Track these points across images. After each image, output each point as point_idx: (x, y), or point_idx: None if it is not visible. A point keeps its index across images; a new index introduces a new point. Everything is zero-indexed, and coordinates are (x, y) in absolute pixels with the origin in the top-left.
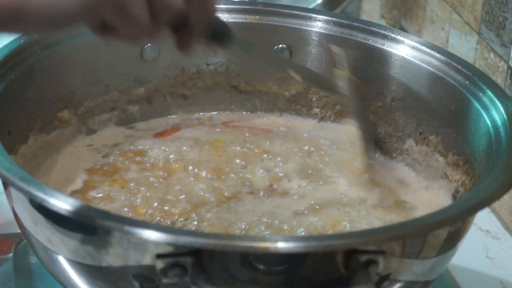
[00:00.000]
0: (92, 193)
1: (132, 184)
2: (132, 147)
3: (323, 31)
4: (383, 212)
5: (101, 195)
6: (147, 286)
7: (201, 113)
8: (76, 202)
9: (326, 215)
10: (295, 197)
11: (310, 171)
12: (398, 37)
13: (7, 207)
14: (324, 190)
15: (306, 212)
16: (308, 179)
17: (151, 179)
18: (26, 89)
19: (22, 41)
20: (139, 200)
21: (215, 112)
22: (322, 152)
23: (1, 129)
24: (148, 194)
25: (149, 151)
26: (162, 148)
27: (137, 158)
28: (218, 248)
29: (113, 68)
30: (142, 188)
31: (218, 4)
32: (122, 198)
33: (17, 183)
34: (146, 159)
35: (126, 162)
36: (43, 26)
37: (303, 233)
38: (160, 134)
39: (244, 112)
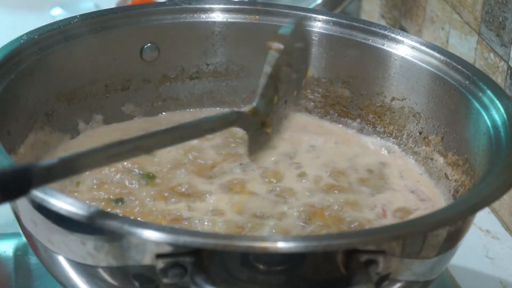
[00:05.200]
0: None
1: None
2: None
3: (323, 31)
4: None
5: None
6: (147, 286)
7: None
8: (76, 202)
9: None
10: None
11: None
12: (398, 37)
13: (7, 207)
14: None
15: None
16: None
17: None
18: (26, 89)
19: (22, 41)
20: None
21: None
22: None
23: (1, 129)
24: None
25: None
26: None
27: None
28: (218, 248)
29: (113, 68)
30: None
31: (218, 4)
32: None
33: None
34: None
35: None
36: None
37: None
38: None
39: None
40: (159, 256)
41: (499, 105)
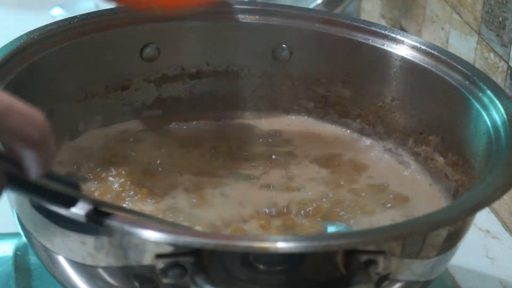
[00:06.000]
0: None
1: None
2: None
3: (323, 31)
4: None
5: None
6: (147, 286)
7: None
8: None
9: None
10: None
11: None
12: (398, 37)
13: (7, 207)
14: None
15: None
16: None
17: None
18: (26, 89)
19: (22, 41)
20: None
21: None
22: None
23: None
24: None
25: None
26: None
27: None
28: (218, 248)
29: (113, 68)
30: None
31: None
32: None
33: None
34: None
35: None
36: None
37: None
38: None
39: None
40: (159, 256)
41: (499, 105)
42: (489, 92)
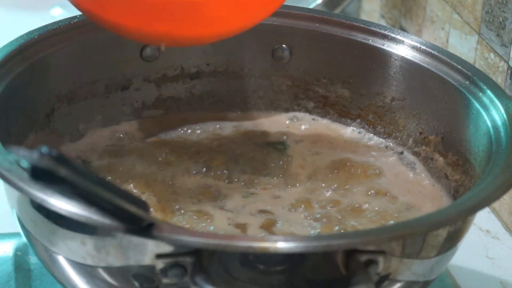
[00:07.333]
0: None
1: None
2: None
3: (323, 31)
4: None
5: None
6: (147, 286)
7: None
8: (76, 202)
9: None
10: None
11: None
12: (398, 37)
13: (7, 207)
14: None
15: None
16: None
17: None
18: (26, 89)
19: (22, 41)
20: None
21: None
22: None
23: (1, 129)
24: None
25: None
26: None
27: None
28: (218, 248)
29: (113, 68)
30: None
31: None
32: None
33: (17, 183)
34: None
35: None
36: None
37: None
38: None
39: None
40: (159, 256)
41: (499, 105)
42: (489, 92)
